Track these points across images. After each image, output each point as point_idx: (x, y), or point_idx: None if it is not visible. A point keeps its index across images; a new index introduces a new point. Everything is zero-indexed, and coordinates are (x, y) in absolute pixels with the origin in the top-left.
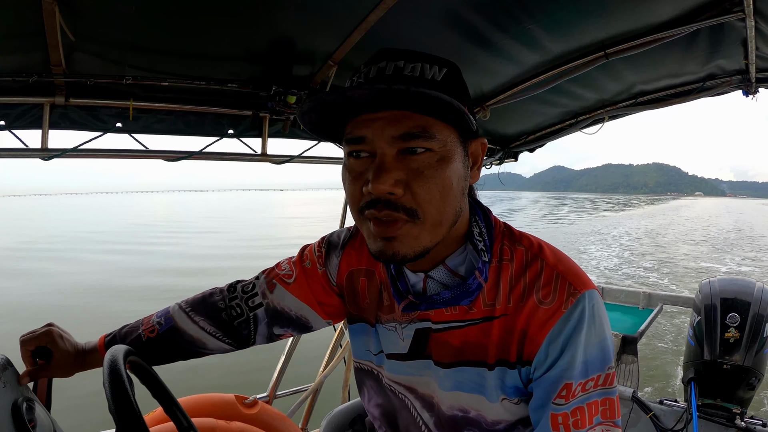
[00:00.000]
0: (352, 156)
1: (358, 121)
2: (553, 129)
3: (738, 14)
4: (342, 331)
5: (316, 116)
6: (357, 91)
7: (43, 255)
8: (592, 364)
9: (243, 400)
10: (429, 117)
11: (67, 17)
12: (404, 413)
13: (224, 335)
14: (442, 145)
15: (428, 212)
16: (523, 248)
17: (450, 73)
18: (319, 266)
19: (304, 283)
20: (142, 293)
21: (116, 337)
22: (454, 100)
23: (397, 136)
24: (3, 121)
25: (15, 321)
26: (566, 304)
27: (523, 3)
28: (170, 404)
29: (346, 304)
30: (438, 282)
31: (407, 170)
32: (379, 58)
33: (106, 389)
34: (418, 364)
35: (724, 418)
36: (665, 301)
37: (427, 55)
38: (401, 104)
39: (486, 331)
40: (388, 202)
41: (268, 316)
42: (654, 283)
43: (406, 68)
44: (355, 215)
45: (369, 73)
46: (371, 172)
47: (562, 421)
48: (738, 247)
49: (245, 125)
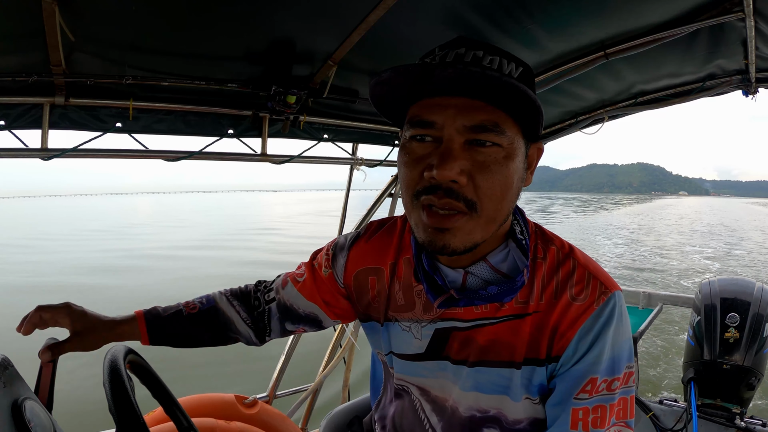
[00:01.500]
0: (416, 139)
1: (428, 104)
2: (553, 129)
3: (738, 14)
4: (342, 331)
5: (388, 89)
6: (446, 69)
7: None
8: (618, 362)
9: (243, 400)
10: (501, 112)
11: (67, 17)
12: (411, 415)
13: (251, 323)
14: (509, 142)
15: (486, 207)
16: (555, 248)
17: (525, 73)
18: (325, 269)
19: (312, 284)
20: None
21: (157, 309)
22: (537, 98)
23: (470, 126)
24: (3, 121)
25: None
26: (598, 302)
27: (523, 3)
28: (170, 404)
29: (355, 303)
30: (479, 278)
31: (473, 162)
32: (458, 44)
33: (106, 389)
34: (434, 365)
35: (724, 418)
36: (665, 301)
37: (505, 51)
38: (478, 93)
39: (516, 329)
40: (449, 191)
41: (279, 312)
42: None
43: (485, 59)
44: (407, 200)
45: (446, 57)
46: (436, 157)
47: (582, 416)
48: (717, 236)
49: (245, 125)
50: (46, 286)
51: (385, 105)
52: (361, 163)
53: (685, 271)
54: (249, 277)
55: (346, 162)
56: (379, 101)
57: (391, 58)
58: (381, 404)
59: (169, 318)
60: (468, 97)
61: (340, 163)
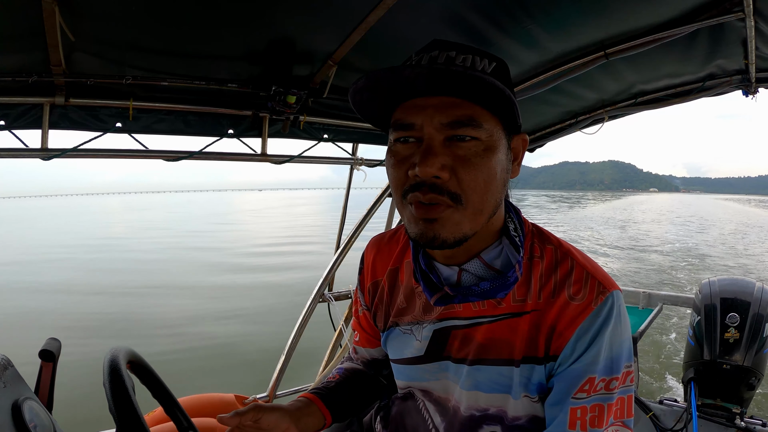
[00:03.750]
0: (399, 141)
1: (407, 107)
2: (553, 129)
3: (738, 14)
4: (342, 331)
5: (368, 95)
6: (415, 69)
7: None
8: (617, 361)
9: (243, 400)
10: (478, 106)
11: (67, 17)
12: (414, 415)
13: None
14: (488, 135)
15: (471, 199)
16: (553, 247)
17: (499, 68)
18: (362, 308)
19: (365, 334)
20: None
21: (319, 392)
22: (506, 89)
23: (447, 123)
24: (3, 121)
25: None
26: (596, 301)
27: (523, 3)
28: (170, 404)
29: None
30: (473, 275)
31: (454, 157)
32: (431, 48)
33: (107, 389)
34: (435, 366)
35: (724, 418)
36: (665, 301)
37: (477, 49)
38: (453, 91)
39: (513, 327)
40: (433, 186)
41: (368, 368)
42: (653, 282)
43: (458, 58)
44: (397, 199)
45: (421, 61)
46: (418, 156)
47: (580, 415)
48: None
49: (245, 125)
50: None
51: (368, 112)
52: (361, 163)
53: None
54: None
55: (346, 162)
56: (361, 108)
57: (391, 58)
58: (382, 404)
59: (330, 391)
60: (444, 95)
61: (340, 163)
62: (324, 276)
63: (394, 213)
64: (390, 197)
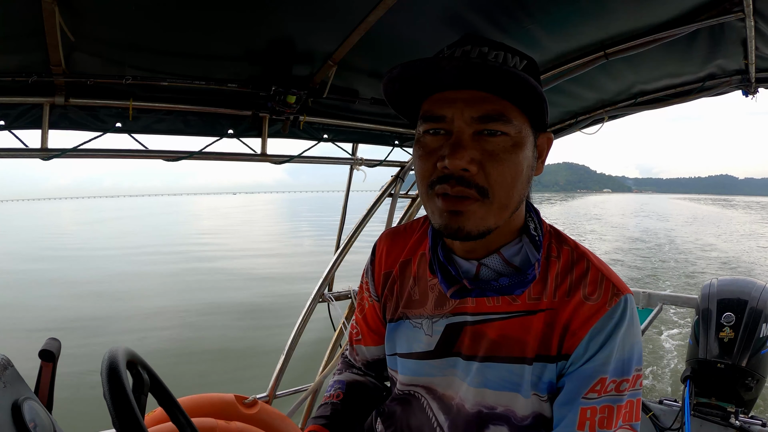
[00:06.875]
0: (429, 133)
1: (438, 99)
2: (553, 129)
3: (738, 14)
4: (342, 331)
5: (399, 86)
6: (452, 62)
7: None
8: (628, 363)
9: (243, 400)
10: (507, 102)
11: (67, 17)
12: (419, 414)
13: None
14: (517, 131)
15: (498, 193)
16: (569, 248)
17: (530, 65)
18: (368, 300)
19: (368, 330)
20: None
21: (322, 420)
22: (538, 85)
23: (477, 117)
24: (3, 121)
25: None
26: (610, 303)
27: (523, 3)
28: (170, 404)
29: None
30: (492, 270)
31: (482, 151)
32: (464, 42)
33: (105, 389)
34: (443, 362)
35: (719, 417)
36: (665, 301)
37: (508, 46)
38: (484, 85)
39: (527, 325)
40: (461, 179)
41: (376, 369)
42: (652, 283)
43: (490, 54)
44: (423, 191)
45: (454, 54)
46: (447, 148)
47: (590, 415)
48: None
49: (245, 125)
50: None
51: (398, 102)
52: (361, 163)
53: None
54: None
55: (346, 162)
56: (393, 99)
57: (391, 58)
58: (384, 403)
59: (336, 415)
60: (474, 89)
61: (340, 163)
62: (324, 276)
63: (394, 213)
64: (390, 197)
